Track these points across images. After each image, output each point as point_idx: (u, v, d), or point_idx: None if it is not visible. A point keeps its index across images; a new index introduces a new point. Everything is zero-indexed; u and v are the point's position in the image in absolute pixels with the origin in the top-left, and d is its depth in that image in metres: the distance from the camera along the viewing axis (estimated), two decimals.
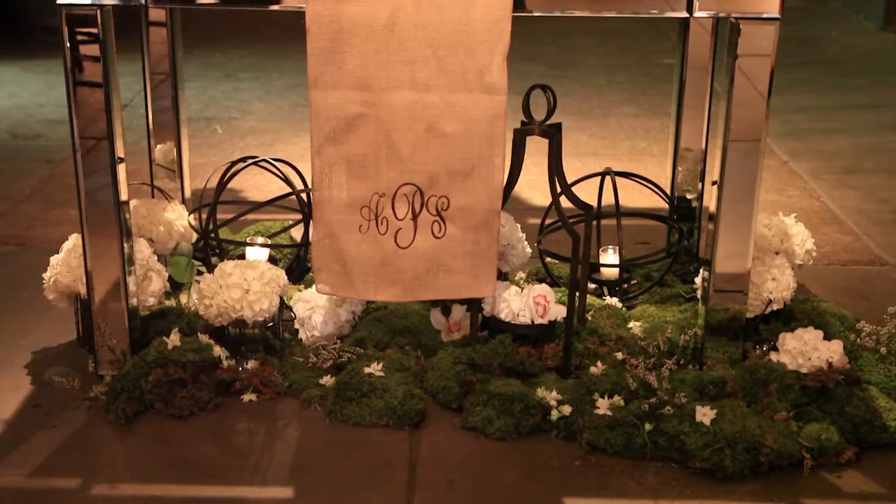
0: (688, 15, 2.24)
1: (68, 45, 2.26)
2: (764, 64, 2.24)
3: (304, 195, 2.80)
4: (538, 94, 2.38)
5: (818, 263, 3.08)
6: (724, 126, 2.30)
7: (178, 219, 2.78)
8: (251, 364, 2.43)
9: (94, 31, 2.24)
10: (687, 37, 2.81)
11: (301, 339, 2.55)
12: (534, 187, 3.59)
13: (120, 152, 2.33)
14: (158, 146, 2.97)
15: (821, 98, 4.97)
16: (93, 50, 2.26)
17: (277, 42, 5.70)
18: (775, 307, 2.54)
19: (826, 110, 4.78)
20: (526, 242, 2.73)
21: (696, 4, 2.22)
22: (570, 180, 2.48)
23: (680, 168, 2.94)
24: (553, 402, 2.28)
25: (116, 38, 2.30)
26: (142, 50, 2.88)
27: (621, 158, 4.15)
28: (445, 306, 2.55)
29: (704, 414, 2.18)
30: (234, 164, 2.81)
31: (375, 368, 2.34)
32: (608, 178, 2.81)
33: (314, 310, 2.53)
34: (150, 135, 2.95)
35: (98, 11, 2.23)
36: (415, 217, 2.31)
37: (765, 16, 2.21)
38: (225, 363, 2.39)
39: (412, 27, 2.19)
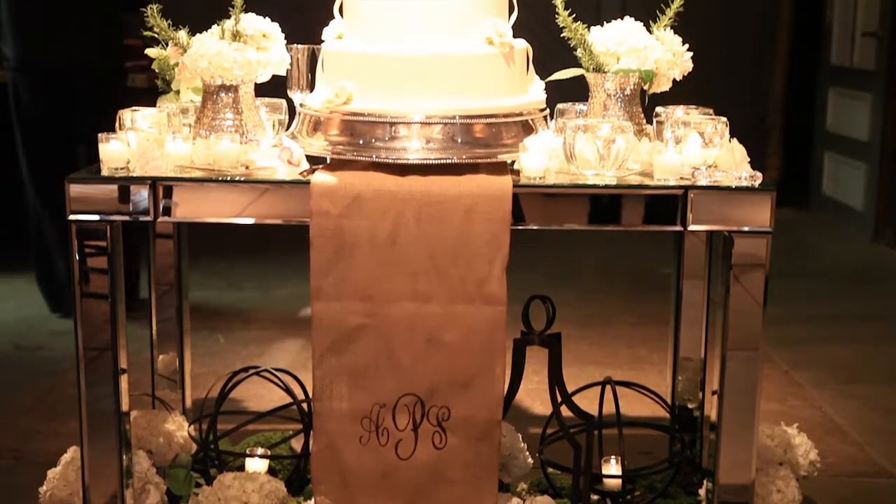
0: (682, 229, 2.30)
1: (77, 257, 2.30)
2: (758, 274, 2.28)
3: (304, 405, 2.79)
4: (538, 304, 2.41)
5: (823, 475, 3.04)
6: (722, 335, 2.32)
7: (178, 430, 2.76)
8: None
9: (103, 244, 2.29)
10: (682, 247, 2.87)
11: None
12: (534, 396, 3.58)
13: (123, 363, 2.34)
14: (161, 356, 2.98)
15: (818, 308, 5.01)
16: (100, 262, 2.30)
17: (281, 252, 5.79)
18: None
19: (823, 320, 4.81)
20: (527, 452, 2.71)
21: (689, 218, 2.27)
22: (570, 389, 2.48)
23: (680, 377, 2.95)
24: None
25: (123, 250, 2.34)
26: (148, 261, 2.93)
27: (622, 367, 4.15)
28: None
29: None
30: (235, 374, 2.82)
31: None
32: (609, 388, 2.82)
33: None
34: (153, 345, 2.97)
35: (108, 227, 2.28)
36: (415, 427, 2.30)
37: (757, 229, 2.26)
38: None
39: (413, 241, 2.24)
